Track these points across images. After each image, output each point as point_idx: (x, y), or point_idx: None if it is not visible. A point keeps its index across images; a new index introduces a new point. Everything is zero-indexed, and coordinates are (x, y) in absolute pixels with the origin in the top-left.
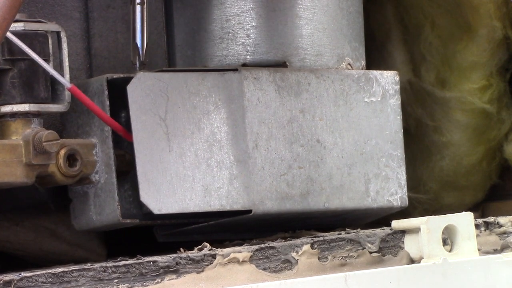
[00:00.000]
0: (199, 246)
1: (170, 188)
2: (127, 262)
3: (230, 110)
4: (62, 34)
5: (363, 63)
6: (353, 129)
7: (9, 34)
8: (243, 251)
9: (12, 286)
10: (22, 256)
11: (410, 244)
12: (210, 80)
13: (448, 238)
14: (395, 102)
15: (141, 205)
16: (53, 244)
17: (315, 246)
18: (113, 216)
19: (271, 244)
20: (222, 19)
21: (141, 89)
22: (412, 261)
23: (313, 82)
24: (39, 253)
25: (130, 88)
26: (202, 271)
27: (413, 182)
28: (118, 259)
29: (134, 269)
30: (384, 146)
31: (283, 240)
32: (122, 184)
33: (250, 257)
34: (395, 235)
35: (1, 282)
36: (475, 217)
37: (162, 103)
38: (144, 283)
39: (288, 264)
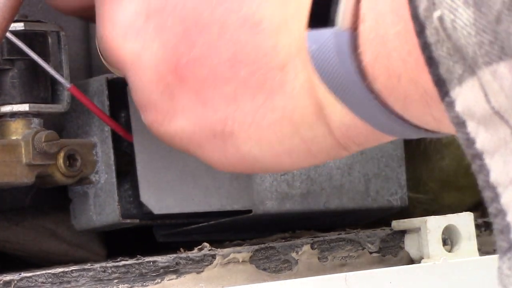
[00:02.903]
0: (199, 246)
1: (170, 188)
2: (127, 262)
3: None
4: (62, 34)
5: None
6: None
7: (9, 34)
8: (243, 251)
9: (12, 286)
10: (22, 256)
11: (410, 244)
12: None
13: (448, 238)
14: None
15: (141, 205)
16: (53, 244)
17: (315, 246)
18: (113, 216)
19: (271, 244)
20: None
21: None
22: (412, 261)
23: None
24: (39, 253)
25: None
26: (202, 271)
27: (413, 182)
28: (118, 259)
29: (134, 269)
30: (384, 146)
31: (283, 240)
32: (122, 184)
33: (250, 257)
34: (395, 235)
35: (1, 282)
36: (475, 217)
37: None
38: (144, 283)
39: (288, 264)
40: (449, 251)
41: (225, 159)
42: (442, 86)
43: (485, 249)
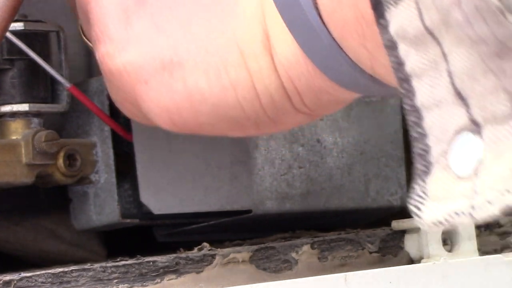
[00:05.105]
0: (199, 246)
1: (170, 188)
2: (126, 262)
3: None
4: (62, 34)
5: None
6: (353, 129)
7: (9, 34)
8: (243, 251)
9: (12, 286)
10: (22, 256)
11: (410, 244)
12: None
13: (448, 238)
14: (394, 102)
15: (141, 205)
16: (53, 244)
17: (315, 246)
18: (113, 215)
19: (271, 244)
20: None
21: None
22: (412, 261)
23: None
24: (39, 253)
25: None
26: (202, 271)
27: None
28: (118, 259)
29: (133, 269)
30: (384, 146)
31: (283, 240)
32: (122, 184)
33: (250, 257)
34: (395, 235)
35: (1, 282)
36: None
37: None
38: (144, 283)
39: (288, 264)
40: (449, 251)
41: (170, 99)
42: (378, 8)
43: (485, 249)
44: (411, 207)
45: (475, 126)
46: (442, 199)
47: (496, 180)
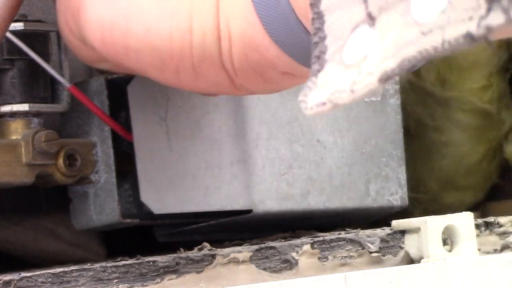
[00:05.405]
0: (199, 246)
1: (170, 188)
2: (127, 262)
3: (230, 109)
4: None
5: None
6: (353, 129)
7: (9, 34)
8: (243, 251)
9: (12, 286)
10: (22, 256)
11: (410, 244)
12: None
13: (448, 238)
14: (395, 101)
15: (141, 205)
16: (53, 244)
17: (315, 246)
18: (113, 215)
19: (271, 244)
20: None
21: (142, 89)
22: (412, 261)
23: None
24: (39, 253)
25: (131, 88)
26: (202, 271)
27: (413, 182)
28: (118, 259)
29: (134, 269)
30: (384, 146)
31: (283, 240)
32: (122, 184)
33: (250, 257)
34: (395, 235)
35: (1, 282)
36: (475, 217)
37: (163, 103)
38: (144, 283)
39: (288, 264)
40: (449, 251)
41: (110, 14)
42: None
43: (485, 249)
44: (299, 100)
45: (371, 20)
46: (328, 85)
47: (377, 53)
